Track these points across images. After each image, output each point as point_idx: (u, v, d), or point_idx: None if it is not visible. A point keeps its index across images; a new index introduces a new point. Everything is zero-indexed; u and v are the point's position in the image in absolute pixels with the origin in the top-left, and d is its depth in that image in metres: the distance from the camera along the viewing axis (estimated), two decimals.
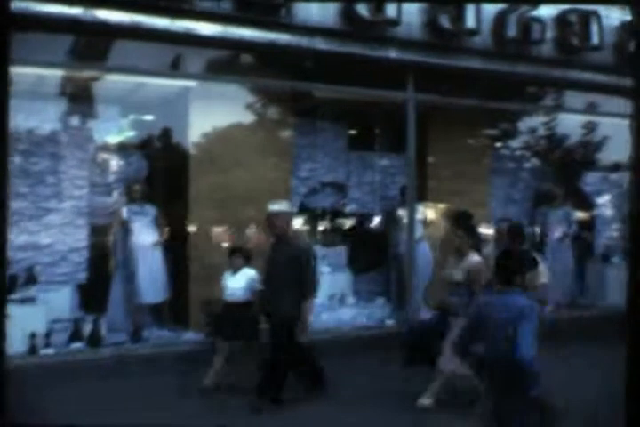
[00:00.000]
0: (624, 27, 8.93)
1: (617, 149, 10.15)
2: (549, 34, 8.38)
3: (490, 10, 7.95)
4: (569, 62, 8.68)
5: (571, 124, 10.00)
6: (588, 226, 10.00)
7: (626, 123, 9.90)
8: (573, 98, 9.71)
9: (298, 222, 7.45)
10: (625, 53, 8.95)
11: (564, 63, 8.67)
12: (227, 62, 7.56)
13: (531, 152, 10.00)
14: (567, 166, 10.07)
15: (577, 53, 8.65)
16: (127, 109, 7.55)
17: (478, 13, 7.77)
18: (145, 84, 7.35)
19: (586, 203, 10.02)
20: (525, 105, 9.80)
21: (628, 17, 9.12)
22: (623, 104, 9.79)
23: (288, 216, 5.70)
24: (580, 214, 9.98)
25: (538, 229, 9.41)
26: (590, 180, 10.09)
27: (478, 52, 8.07)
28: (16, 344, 5.91)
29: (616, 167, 10.38)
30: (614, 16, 8.99)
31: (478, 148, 9.64)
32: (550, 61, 8.58)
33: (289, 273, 5.36)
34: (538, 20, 8.19)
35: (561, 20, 8.43)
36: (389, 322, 7.85)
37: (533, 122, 9.92)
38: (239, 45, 7.09)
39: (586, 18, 8.55)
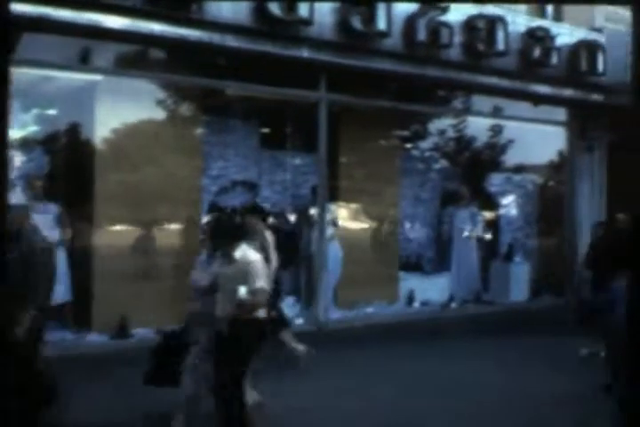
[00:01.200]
0: (529, 33, 9.27)
1: (521, 152, 10.54)
2: (457, 38, 8.59)
3: (400, 13, 8.07)
4: (476, 67, 8.93)
5: (478, 126, 10.27)
6: (493, 226, 10.31)
7: (529, 126, 10.37)
8: (481, 101, 10.00)
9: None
10: (529, 60, 9.29)
11: (472, 67, 8.91)
12: (136, 57, 7.38)
13: (440, 153, 10.21)
14: (474, 168, 10.36)
15: (484, 58, 8.90)
16: (31, 103, 7.26)
17: (389, 16, 7.88)
18: (50, 78, 7.09)
19: (491, 203, 10.33)
20: (435, 107, 10.03)
21: (535, 23, 9.48)
22: (527, 108, 10.23)
23: None
24: (486, 214, 10.29)
25: (446, 229, 9.65)
26: (495, 181, 10.40)
27: (389, 54, 8.19)
28: None
29: (520, 169, 10.75)
30: (520, 22, 9.32)
31: (389, 148, 9.79)
32: (458, 65, 8.79)
33: None
34: (446, 24, 8.37)
35: (468, 25, 8.65)
36: (299, 321, 7.87)
37: (443, 124, 10.14)
38: (148, 40, 6.94)
39: (492, 24, 8.81)
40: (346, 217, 9.16)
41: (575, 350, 7.23)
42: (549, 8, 10.47)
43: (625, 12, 11.62)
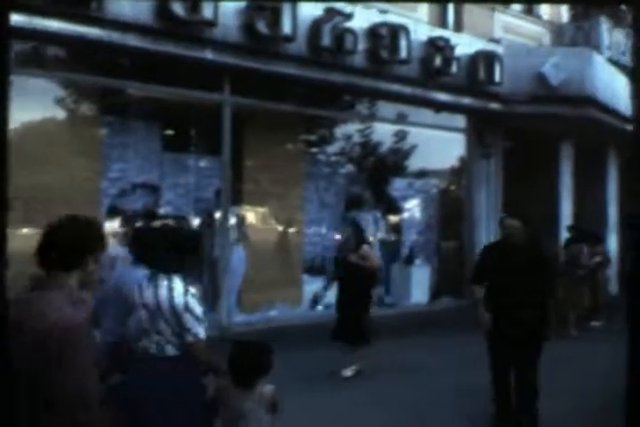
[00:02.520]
0: (431, 42, 9.53)
1: (423, 157, 10.81)
2: (362, 45, 8.74)
3: (305, 18, 8.13)
4: (379, 73, 9.11)
5: (383, 132, 10.46)
6: (396, 229, 10.53)
7: (431, 133, 10.66)
8: (385, 107, 10.20)
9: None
10: (430, 68, 9.55)
11: (375, 74, 9.09)
12: (33, 55, 7.11)
13: (345, 158, 10.34)
14: (378, 172, 10.54)
15: (387, 65, 9.09)
16: None
17: (294, 20, 7.93)
18: None
19: (394, 207, 10.53)
20: (340, 113, 10.15)
21: (436, 33, 9.76)
22: (429, 115, 10.53)
23: None
24: (389, 218, 10.50)
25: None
26: (398, 185, 10.62)
27: (294, 58, 8.24)
28: None
29: (422, 174, 11.02)
30: (422, 31, 9.57)
31: (295, 152, 9.83)
32: (362, 72, 8.95)
33: None
34: (351, 31, 8.50)
35: (372, 32, 8.82)
36: None
37: (349, 129, 10.26)
38: (45, 37, 6.71)
39: (395, 32, 9.02)
40: (250, 221, 9.14)
41: None
42: (450, 18, 10.81)
43: (523, 24, 12.17)
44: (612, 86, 11.65)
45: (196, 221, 8.37)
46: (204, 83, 8.02)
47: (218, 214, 8.25)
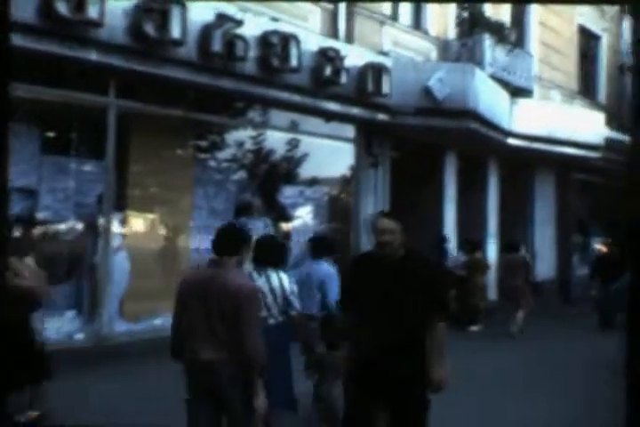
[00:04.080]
0: (321, 52, 9.64)
1: (314, 165, 10.91)
2: (253, 52, 8.74)
3: (196, 22, 8.05)
4: (270, 81, 9.13)
5: (276, 139, 10.49)
6: (286, 237, 10.56)
7: (322, 141, 10.79)
8: (278, 115, 10.23)
9: None
10: (321, 78, 9.67)
11: (266, 82, 9.10)
12: None
13: (237, 165, 10.28)
14: (270, 180, 10.55)
15: (277, 73, 9.13)
16: None
17: (184, 24, 7.83)
18: None
19: (284, 215, 10.57)
20: (232, 119, 10.09)
21: (327, 43, 9.89)
22: (320, 124, 10.65)
23: None
24: (280, 226, 10.52)
25: None
26: (289, 193, 10.67)
27: (183, 62, 8.13)
28: None
29: (313, 182, 11.12)
30: (313, 41, 9.67)
31: (184, 158, 9.68)
32: (253, 79, 8.94)
33: None
34: (241, 37, 8.49)
35: (263, 40, 8.84)
36: (79, 336, 7.51)
37: (241, 136, 10.21)
38: None
39: (286, 40, 9.08)
40: (136, 227, 8.91)
41: None
42: (341, 29, 10.99)
43: (411, 39, 12.54)
44: (493, 101, 12.21)
45: (79, 227, 8.08)
46: (88, 85, 7.77)
47: (99, 220, 7.99)
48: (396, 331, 3.77)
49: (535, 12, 15.71)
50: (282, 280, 4.91)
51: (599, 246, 13.57)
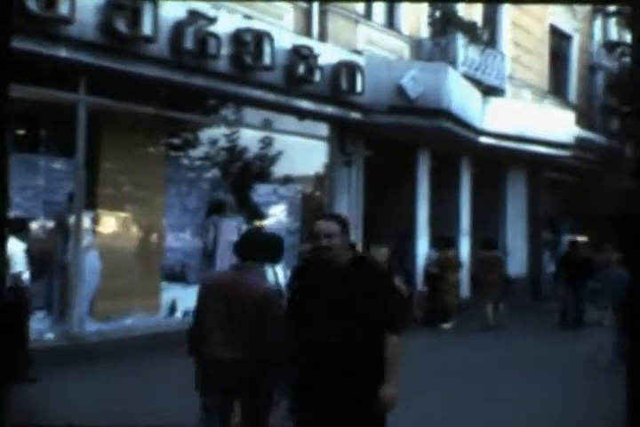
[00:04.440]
0: (295, 50, 9.62)
1: (288, 164, 10.90)
2: (225, 50, 8.68)
3: (168, 19, 7.99)
4: (243, 79, 9.09)
5: (249, 137, 10.45)
6: None
7: (296, 140, 10.78)
8: (252, 113, 10.20)
9: None
10: (294, 76, 9.64)
11: (239, 80, 9.06)
12: None
13: (210, 163, 10.23)
14: (243, 178, 10.51)
15: (250, 71, 9.09)
16: None
17: (156, 21, 7.77)
18: None
19: (258, 213, 10.54)
20: (205, 117, 10.04)
21: (300, 41, 9.88)
22: (293, 122, 10.63)
23: None
24: (256, 224, 10.49)
25: (210, 238, 9.66)
26: (263, 191, 10.64)
27: (155, 59, 8.06)
28: None
29: (286, 180, 11.11)
30: (286, 39, 9.65)
31: (156, 156, 9.61)
32: (226, 77, 8.89)
33: None
34: (214, 35, 8.44)
35: (236, 37, 8.79)
36: (49, 336, 7.43)
37: (215, 134, 10.16)
38: None
39: (259, 38, 9.04)
40: (107, 225, 8.83)
41: None
42: (315, 28, 10.98)
43: (384, 37, 12.56)
44: (466, 100, 12.30)
45: (49, 225, 7.99)
46: (58, 81, 7.67)
47: (70, 219, 7.90)
48: (344, 345, 3.38)
49: (507, 12, 15.83)
50: (277, 275, 5.18)
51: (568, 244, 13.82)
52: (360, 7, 12.10)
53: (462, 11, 13.49)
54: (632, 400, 2.25)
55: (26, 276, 6.36)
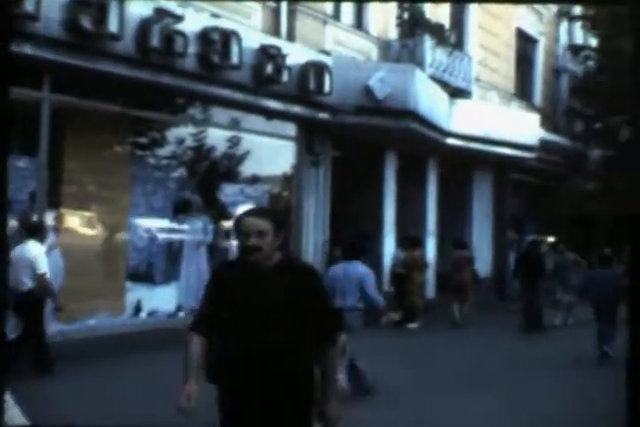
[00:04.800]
0: (262, 50, 9.60)
1: (255, 163, 10.88)
2: (192, 49, 8.63)
3: (134, 17, 7.92)
4: (210, 78, 9.05)
5: (217, 137, 10.40)
6: (226, 236, 10.49)
7: (263, 139, 10.76)
8: (219, 113, 10.15)
9: None
10: (262, 75, 9.62)
11: (206, 79, 9.01)
12: None
13: (177, 162, 10.15)
14: (210, 177, 10.46)
15: (218, 70, 9.05)
16: None
17: (122, 19, 7.69)
18: None
19: (225, 213, 10.50)
20: (172, 116, 9.96)
21: (268, 41, 9.86)
22: (261, 122, 10.61)
23: None
24: (222, 224, 10.44)
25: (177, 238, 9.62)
26: (230, 191, 10.60)
27: (121, 57, 7.98)
28: None
29: (254, 180, 11.08)
30: (254, 38, 9.62)
31: (122, 155, 9.51)
32: (193, 75, 8.84)
33: None
34: (181, 33, 8.38)
35: (203, 36, 8.75)
36: (11, 336, 7.27)
37: (182, 133, 10.09)
38: None
39: (227, 37, 9.00)
40: (71, 225, 8.72)
41: None
42: (283, 28, 10.97)
43: (352, 38, 12.61)
44: (433, 102, 12.39)
45: (11, 224, 7.85)
46: (21, 79, 7.54)
47: (33, 218, 7.78)
48: (269, 358, 2.93)
49: (474, 15, 16.00)
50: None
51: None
52: (328, 8, 12.13)
53: (430, 13, 13.60)
54: (632, 400, 2.27)
55: (48, 276, 6.91)
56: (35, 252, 6.85)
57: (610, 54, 16.82)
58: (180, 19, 8.40)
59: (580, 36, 20.71)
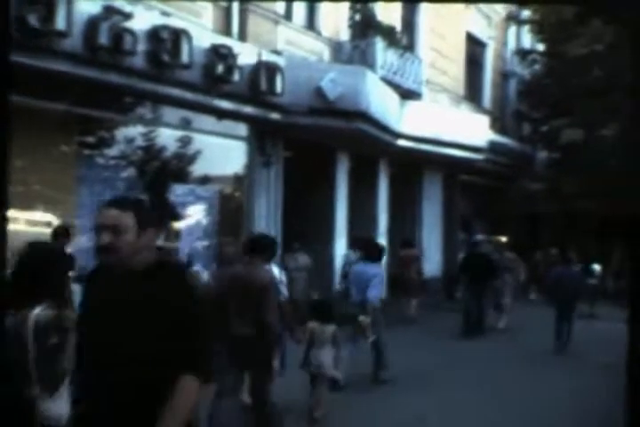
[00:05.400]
0: (213, 49, 9.53)
1: (206, 164, 10.79)
2: (142, 47, 8.52)
3: (82, 14, 7.77)
4: (160, 77, 8.94)
5: (168, 136, 10.28)
6: (176, 236, 10.39)
7: (215, 139, 10.67)
8: (170, 112, 10.03)
9: None
10: (213, 75, 9.56)
11: (156, 78, 8.90)
12: None
13: (126, 162, 10.00)
14: (161, 177, 10.33)
15: (168, 69, 8.95)
16: None
17: (70, 16, 7.54)
18: None
19: (174, 213, 10.39)
20: (120, 115, 9.81)
21: (219, 40, 9.79)
22: (212, 122, 10.53)
23: None
24: (171, 224, 10.33)
25: None
26: (180, 191, 10.50)
27: (69, 55, 7.83)
28: None
29: (204, 180, 10.99)
30: (205, 38, 9.55)
31: (68, 154, 9.32)
32: (142, 74, 8.72)
33: None
34: (130, 31, 8.26)
35: (153, 34, 8.64)
36: None
37: (131, 132, 9.94)
38: None
39: (177, 36, 8.91)
40: (13, 226, 8.50)
41: None
42: (235, 27, 10.92)
43: (304, 39, 12.61)
44: (384, 103, 12.49)
45: None
46: None
47: None
48: (119, 383, 2.43)
49: (425, 18, 16.19)
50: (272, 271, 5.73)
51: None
52: (280, 8, 12.12)
53: (381, 15, 13.71)
54: (632, 401, 2.29)
55: None
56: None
57: (555, 58, 17.20)
58: (129, 16, 8.27)
59: (527, 41, 21.15)
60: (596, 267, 18.19)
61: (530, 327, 11.64)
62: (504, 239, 17.76)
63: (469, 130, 15.35)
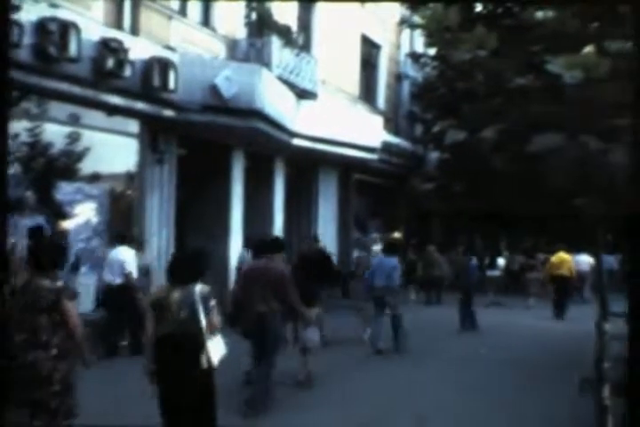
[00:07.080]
0: (103, 43, 9.26)
1: (95, 161, 10.46)
2: (28, 39, 8.18)
3: None
4: (46, 71, 8.61)
5: (55, 132, 9.90)
6: (64, 236, 10.01)
7: (105, 136, 10.37)
8: (57, 107, 9.66)
9: None
10: (102, 69, 9.28)
11: (42, 71, 8.57)
12: None
13: (10, 158, 9.55)
14: (47, 175, 9.94)
15: (55, 63, 8.63)
16: None
17: None
18: None
19: (61, 212, 10.02)
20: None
21: (110, 34, 9.51)
22: (102, 118, 10.22)
23: None
24: (58, 224, 9.96)
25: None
26: (67, 189, 10.13)
27: None
28: None
29: (94, 178, 10.64)
30: (94, 31, 9.27)
31: None
32: (27, 67, 8.37)
33: None
34: (16, 22, 7.90)
35: (40, 26, 8.32)
36: None
37: (15, 127, 9.47)
38: None
39: (65, 28, 8.61)
40: None
41: None
42: (126, 21, 10.65)
43: (199, 35, 12.45)
44: (280, 102, 12.54)
45: None
46: None
47: None
48: None
49: (321, 19, 16.35)
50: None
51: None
52: (175, 3, 11.93)
53: (277, 14, 13.74)
54: (632, 401, 2.34)
55: (134, 275, 9.18)
56: (126, 254, 9.21)
57: (443, 62, 17.76)
58: (16, 8, 7.91)
59: (420, 44, 21.75)
60: (501, 261, 19.23)
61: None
62: (397, 236, 18.22)
63: (364, 130, 15.65)
